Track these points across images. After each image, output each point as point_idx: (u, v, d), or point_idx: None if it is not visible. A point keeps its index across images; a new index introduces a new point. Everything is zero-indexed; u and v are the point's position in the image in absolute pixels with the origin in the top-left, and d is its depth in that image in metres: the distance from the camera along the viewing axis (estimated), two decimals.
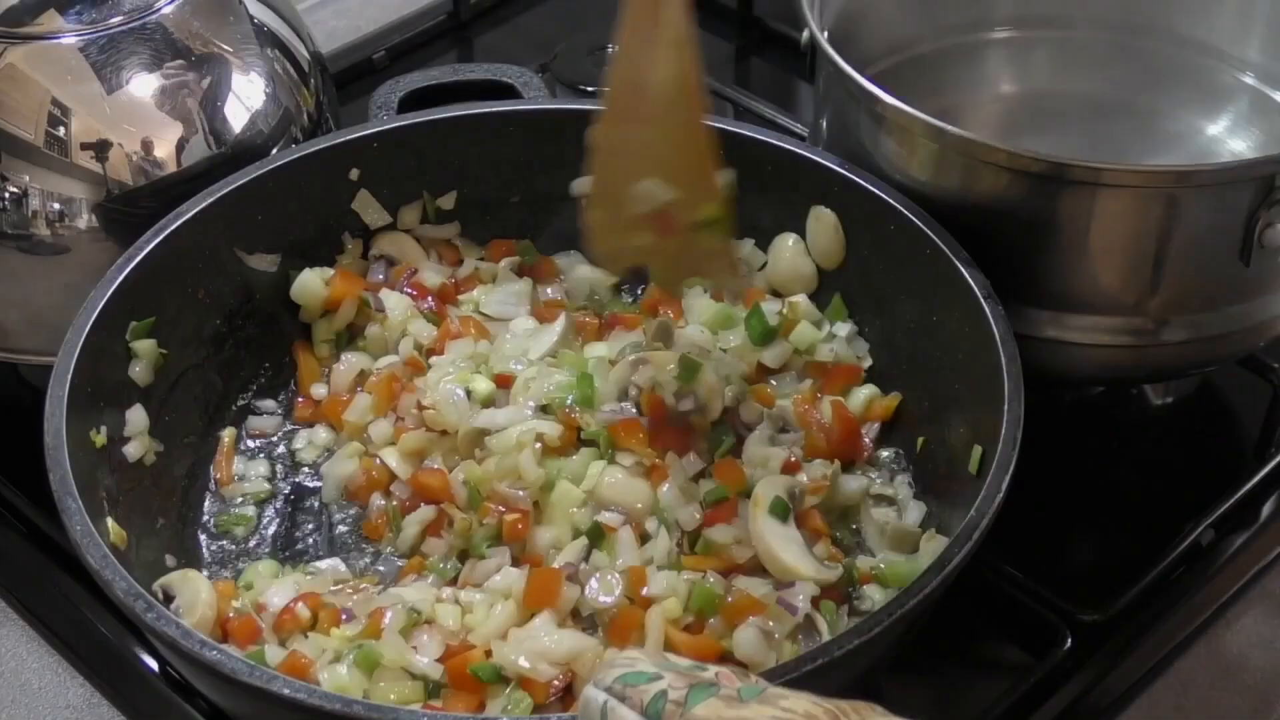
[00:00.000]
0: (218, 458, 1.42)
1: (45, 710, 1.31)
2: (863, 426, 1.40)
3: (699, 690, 0.87)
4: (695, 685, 0.88)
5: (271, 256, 1.47)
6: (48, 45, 1.43)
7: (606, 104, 1.24)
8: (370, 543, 1.36)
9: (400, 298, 1.48)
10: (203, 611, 1.23)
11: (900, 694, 1.32)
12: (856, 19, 1.56)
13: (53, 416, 1.23)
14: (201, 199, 1.41)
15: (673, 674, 0.89)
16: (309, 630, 1.24)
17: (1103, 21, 1.67)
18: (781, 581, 1.24)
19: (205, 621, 1.23)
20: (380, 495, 1.37)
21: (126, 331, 1.35)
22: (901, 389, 1.42)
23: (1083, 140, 1.63)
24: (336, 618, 1.23)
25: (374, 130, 1.50)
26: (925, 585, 1.13)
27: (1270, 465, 1.47)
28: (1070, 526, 1.46)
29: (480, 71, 1.68)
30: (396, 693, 1.18)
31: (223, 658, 1.09)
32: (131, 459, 1.33)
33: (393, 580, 1.31)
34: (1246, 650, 1.36)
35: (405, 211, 1.53)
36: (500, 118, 1.52)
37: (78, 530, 1.17)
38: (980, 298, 1.30)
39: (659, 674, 0.88)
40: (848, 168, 1.43)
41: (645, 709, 0.87)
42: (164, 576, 1.25)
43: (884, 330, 1.45)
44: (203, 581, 1.25)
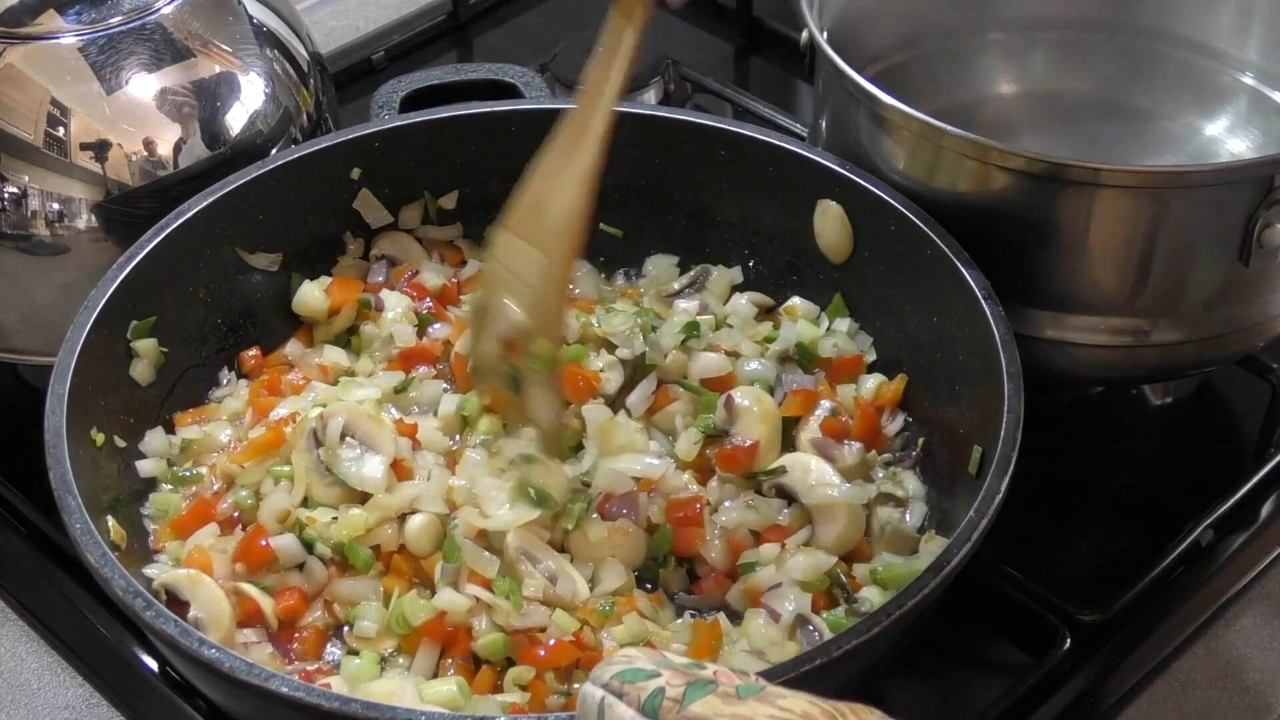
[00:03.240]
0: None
1: (45, 710, 1.31)
2: (877, 411, 1.40)
3: (696, 687, 0.87)
4: (693, 682, 0.88)
5: (273, 256, 1.47)
6: (48, 45, 1.43)
7: (510, 215, 1.28)
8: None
9: (400, 298, 1.48)
10: (225, 624, 1.23)
11: (900, 694, 1.32)
12: (856, 19, 1.56)
13: (53, 415, 1.23)
14: (203, 198, 1.41)
15: (670, 671, 0.89)
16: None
17: (1103, 22, 1.67)
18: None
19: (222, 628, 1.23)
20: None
21: (128, 330, 1.35)
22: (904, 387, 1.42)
23: (1082, 140, 1.63)
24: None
25: (376, 129, 1.50)
26: (924, 585, 1.13)
27: (1270, 465, 1.47)
28: (1070, 527, 1.46)
29: (482, 71, 1.68)
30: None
31: (221, 656, 1.09)
32: (144, 474, 1.34)
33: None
34: (1246, 650, 1.36)
35: (407, 211, 1.54)
36: (502, 117, 1.52)
37: (77, 529, 1.17)
38: (980, 298, 1.30)
39: (657, 671, 0.88)
40: (848, 167, 1.43)
41: (643, 706, 0.87)
42: (167, 575, 1.25)
43: (884, 331, 1.45)
44: (215, 588, 1.25)
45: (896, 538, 1.32)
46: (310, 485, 1.31)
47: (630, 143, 1.48)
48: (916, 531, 1.32)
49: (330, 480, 1.31)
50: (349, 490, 1.31)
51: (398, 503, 1.30)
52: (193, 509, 1.32)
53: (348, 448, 1.32)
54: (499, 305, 1.28)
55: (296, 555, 1.28)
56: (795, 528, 1.32)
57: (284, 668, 1.24)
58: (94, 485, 1.25)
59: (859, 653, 1.10)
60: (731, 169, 1.49)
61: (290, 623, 1.27)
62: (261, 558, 1.28)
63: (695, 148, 1.50)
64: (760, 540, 1.31)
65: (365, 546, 1.28)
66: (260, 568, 1.28)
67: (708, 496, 1.34)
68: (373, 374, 1.44)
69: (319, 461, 1.31)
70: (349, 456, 1.32)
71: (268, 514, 1.30)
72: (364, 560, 1.27)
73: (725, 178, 1.50)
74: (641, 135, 1.49)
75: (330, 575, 1.28)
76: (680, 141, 1.50)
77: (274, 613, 1.26)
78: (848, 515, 1.31)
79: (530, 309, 1.27)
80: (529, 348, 1.27)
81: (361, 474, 1.31)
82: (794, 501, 1.33)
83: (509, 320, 1.27)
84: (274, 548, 1.28)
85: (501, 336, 1.28)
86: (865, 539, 1.33)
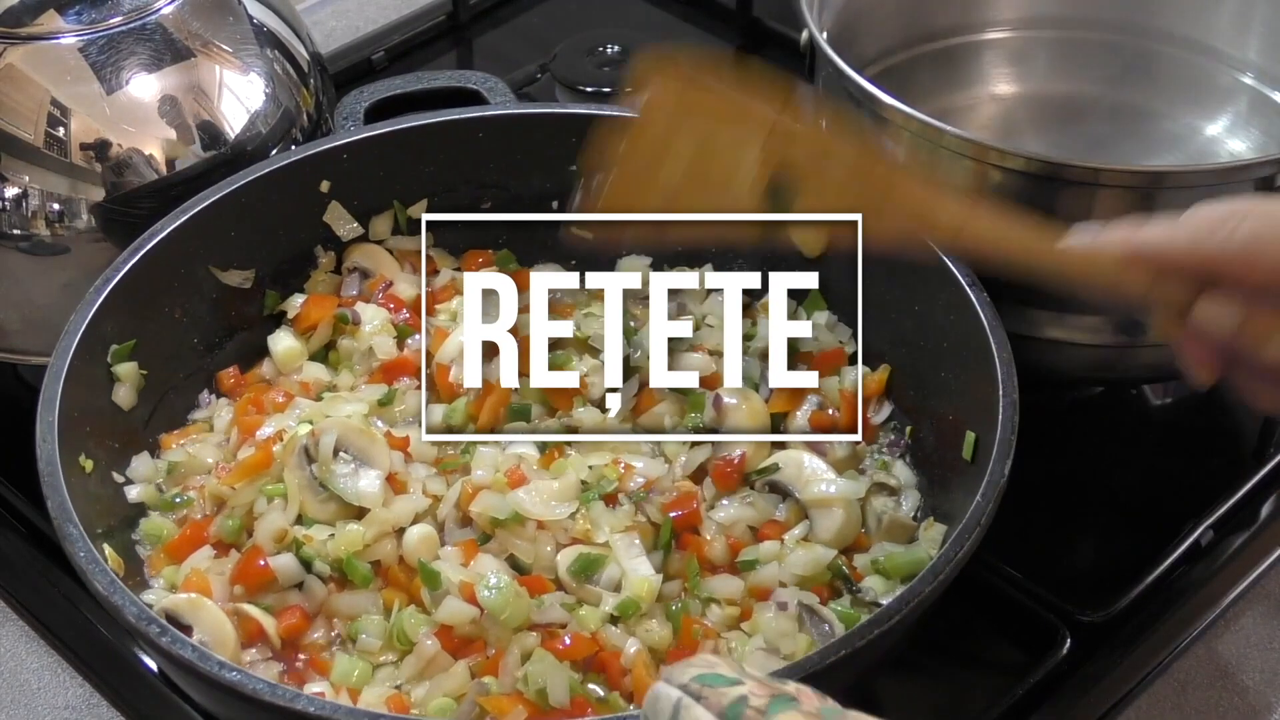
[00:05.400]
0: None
1: (44, 710, 1.32)
2: (863, 404, 1.40)
3: (781, 701, 0.84)
4: (777, 696, 0.85)
5: (245, 273, 1.46)
6: (48, 45, 1.43)
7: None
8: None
9: (377, 311, 1.47)
10: (230, 646, 1.22)
11: (900, 694, 1.32)
12: (856, 19, 1.56)
13: (44, 442, 1.22)
14: (175, 217, 1.39)
15: (754, 682, 0.86)
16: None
17: (1102, 22, 1.67)
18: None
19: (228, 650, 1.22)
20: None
21: (108, 355, 1.34)
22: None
23: (1082, 140, 1.63)
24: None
25: (343, 141, 1.48)
26: (939, 572, 1.13)
27: (1269, 466, 1.47)
28: (1070, 527, 1.46)
29: (444, 79, 1.67)
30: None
31: (243, 678, 1.08)
32: (132, 500, 1.34)
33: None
34: (1245, 651, 1.36)
35: (377, 222, 1.52)
36: (468, 124, 1.50)
37: (81, 557, 1.15)
38: (965, 285, 1.30)
39: (739, 679, 0.86)
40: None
41: (724, 712, 0.84)
42: (167, 600, 1.24)
43: (865, 322, 1.43)
44: (217, 610, 1.24)
45: (895, 527, 1.32)
46: (304, 503, 1.30)
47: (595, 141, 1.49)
48: (913, 519, 1.32)
49: (325, 496, 1.30)
50: (343, 506, 1.30)
51: (394, 516, 1.29)
52: (184, 533, 1.31)
53: (341, 463, 1.31)
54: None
55: (296, 574, 1.27)
56: (792, 523, 1.32)
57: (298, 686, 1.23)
58: (89, 513, 1.23)
59: (878, 643, 1.10)
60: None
61: (293, 641, 1.26)
62: (260, 578, 1.27)
63: None
64: (759, 537, 1.31)
65: (364, 562, 1.28)
66: (259, 588, 1.27)
67: (704, 493, 1.34)
68: (354, 388, 1.43)
69: (312, 478, 1.30)
70: (343, 472, 1.30)
71: (264, 534, 1.29)
72: (363, 576, 1.27)
73: None
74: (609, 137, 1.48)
75: (329, 591, 1.28)
76: None
77: (277, 632, 1.25)
78: (844, 509, 1.31)
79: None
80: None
81: (358, 489, 1.30)
82: (788, 496, 1.33)
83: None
84: (273, 568, 1.27)
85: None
86: (862, 530, 1.33)
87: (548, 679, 1.17)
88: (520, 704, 1.17)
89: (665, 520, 1.30)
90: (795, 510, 1.33)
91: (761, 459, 1.35)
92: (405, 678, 1.23)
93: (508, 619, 1.21)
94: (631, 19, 2.03)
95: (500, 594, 1.22)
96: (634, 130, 1.23)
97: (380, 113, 1.60)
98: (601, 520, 1.29)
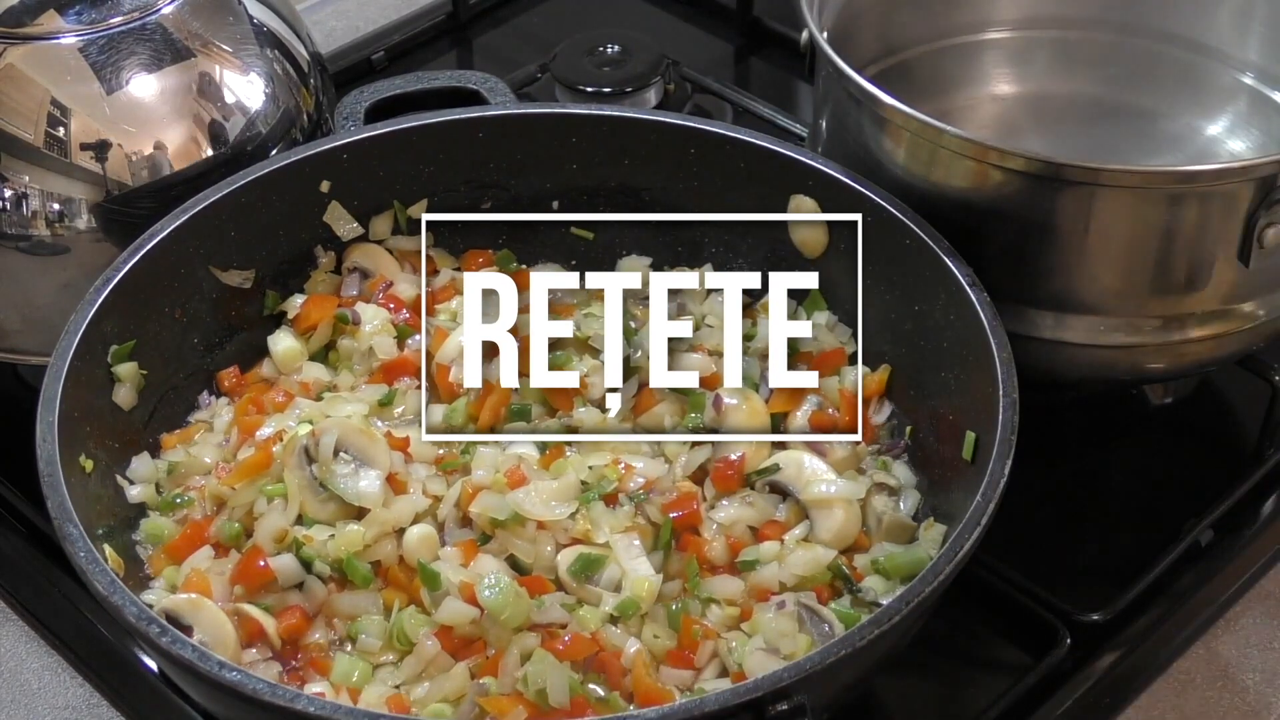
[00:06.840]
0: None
1: (45, 710, 1.32)
2: (863, 404, 1.40)
3: None
4: None
5: (245, 273, 1.46)
6: (48, 45, 1.43)
7: None
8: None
9: (377, 311, 1.47)
10: (230, 646, 1.22)
11: (900, 694, 1.32)
12: (856, 19, 1.56)
13: (45, 443, 1.22)
14: (175, 217, 1.39)
15: None
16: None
17: (1102, 22, 1.67)
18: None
19: (228, 650, 1.22)
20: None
21: (108, 355, 1.34)
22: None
23: (1082, 140, 1.63)
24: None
25: (343, 141, 1.48)
26: (939, 572, 1.13)
27: (1269, 465, 1.47)
28: (1070, 526, 1.46)
29: (444, 79, 1.68)
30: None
31: (243, 678, 1.08)
32: (133, 500, 1.33)
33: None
34: (1245, 650, 1.36)
35: (377, 222, 1.52)
36: (468, 124, 1.51)
37: (82, 557, 1.15)
38: (965, 285, 1.30)
39: None
40: (818, 160, 1.43)
41: None
42: (168, 600, 1.24)
43: (865, 322, 1.43)
44: (217, 611, 1.24)
45: (894, 527, 1.32)
46: (304, 503, 1.30)
47: (598, 144, 1.49)
48: (912, 519, 1.32)
49: (325, 497, 1.30)
50: (343, 506, 1.30)
51: (394, 517, 1.29)
52: (184, 534, 1.31)
53: (342, 463, 1.31)
54: None
55: (296, 574, 1.27)
56: (793, 523, 1.32)
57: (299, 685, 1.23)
58: (89, 513, 1.23)
59: (880, 641, 1.10)
60: (700, 167, 1.49)
61: (293, 641, 1.26)
62: (261, 578, 1.26)
63: (663, 147, 1.49)
64: (759, 537, 1.31)
65: (364, 562, 1.28)
66: (259, 589, 1.27)
67: (704, 493, 1.34)
68: (354, 388, 1.43)
69: (313, 478, 1.30)
70: (343, 472, 1.30)
71: (264, 534, 1.29)
72: (363, 576, 1.27)
73: (695, 176, 1.49)
74: (609, 136, 1.49)
75: (329, 592, 1.28)
76: (648, 141, 1.49)
77: (277, 632, 1.25)
78: (845, 510, 1.31)
79: None
80: None
81: (358, 489, 1.30)
82: (788, 497, 1.33)
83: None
84: (273, 568, 1.27)
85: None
86: (862, 530, 1.33)
87: (548, 679, 1.17)
88: (520, 704, 1.17)
89: (665, 520, 1.30)
90: (795, 510, 1.33)
91: (761, 459, 1.35)
92: (405, 678, 1.23)
93: (508, 619, 1.21)
94: (631, 19, 2.03)
95: (500, 594, 1.22)
96: None
97: (380, 113, 1.60)
98: (601, 520, 1.29)
